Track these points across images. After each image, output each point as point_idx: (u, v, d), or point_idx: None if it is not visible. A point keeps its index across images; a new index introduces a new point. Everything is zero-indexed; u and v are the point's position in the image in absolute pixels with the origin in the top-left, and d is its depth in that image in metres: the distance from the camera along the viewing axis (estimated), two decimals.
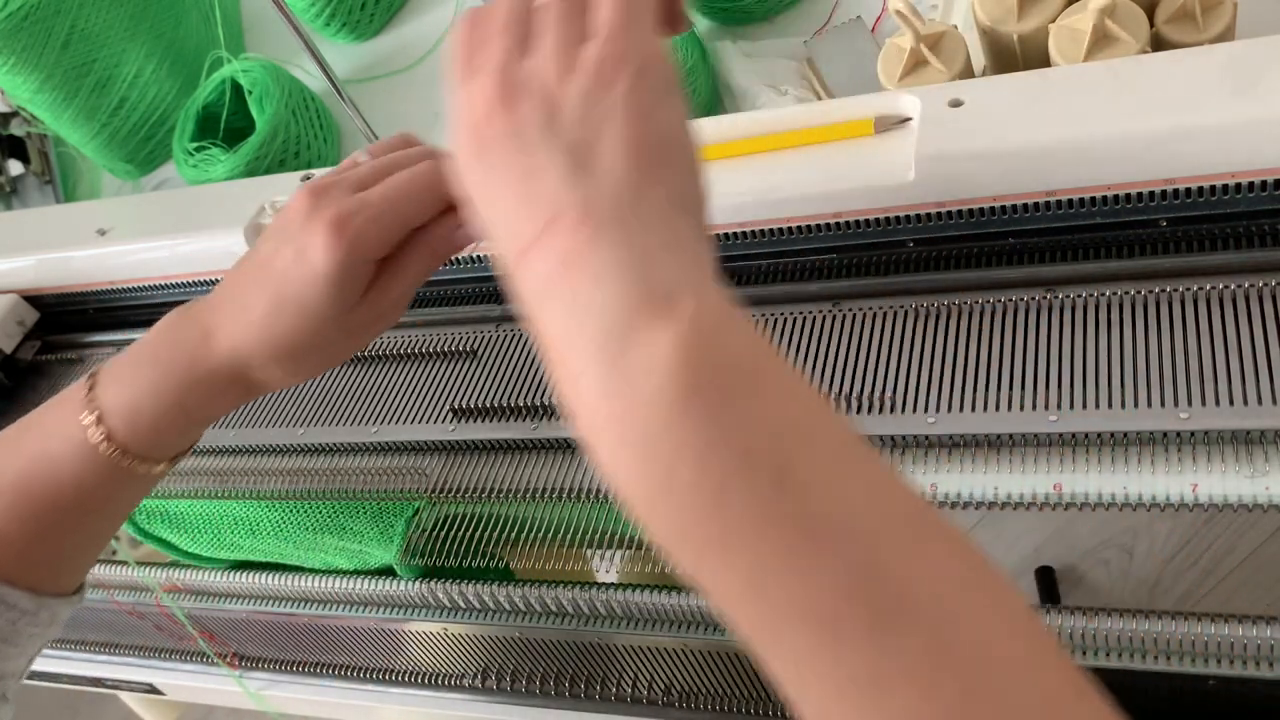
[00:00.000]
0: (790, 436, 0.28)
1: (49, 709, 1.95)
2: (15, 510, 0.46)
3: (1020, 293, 0.52)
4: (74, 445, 0.46)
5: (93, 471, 0.46)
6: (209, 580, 0.65)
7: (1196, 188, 0.48)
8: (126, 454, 0.46)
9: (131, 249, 0.74)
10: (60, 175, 1.07)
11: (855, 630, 0.26)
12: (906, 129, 0.55)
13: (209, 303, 0.46)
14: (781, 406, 0.28)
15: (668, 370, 0.28)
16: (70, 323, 0.82)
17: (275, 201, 0.69)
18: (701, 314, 0.29)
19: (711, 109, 0.74)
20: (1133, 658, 0.45)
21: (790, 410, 0.29)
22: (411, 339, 0.66)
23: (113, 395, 0.46)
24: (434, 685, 0.66)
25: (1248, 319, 0.47)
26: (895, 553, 0.27)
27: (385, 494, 0.59)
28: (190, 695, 0.81)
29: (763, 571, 0.27)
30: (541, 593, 0.56)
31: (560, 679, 0.62)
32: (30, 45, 0.84)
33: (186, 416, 0.47)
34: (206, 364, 0.45)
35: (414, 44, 0.92)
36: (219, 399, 0.47)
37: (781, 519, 0.27)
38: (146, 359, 0.47)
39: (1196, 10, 0.54)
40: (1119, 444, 0.46)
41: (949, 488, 0.48)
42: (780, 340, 0.55)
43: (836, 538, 0.27)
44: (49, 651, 0.78)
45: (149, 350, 0.47)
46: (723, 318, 0.30)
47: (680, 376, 0.28)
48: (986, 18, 0.58)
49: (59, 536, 0.48)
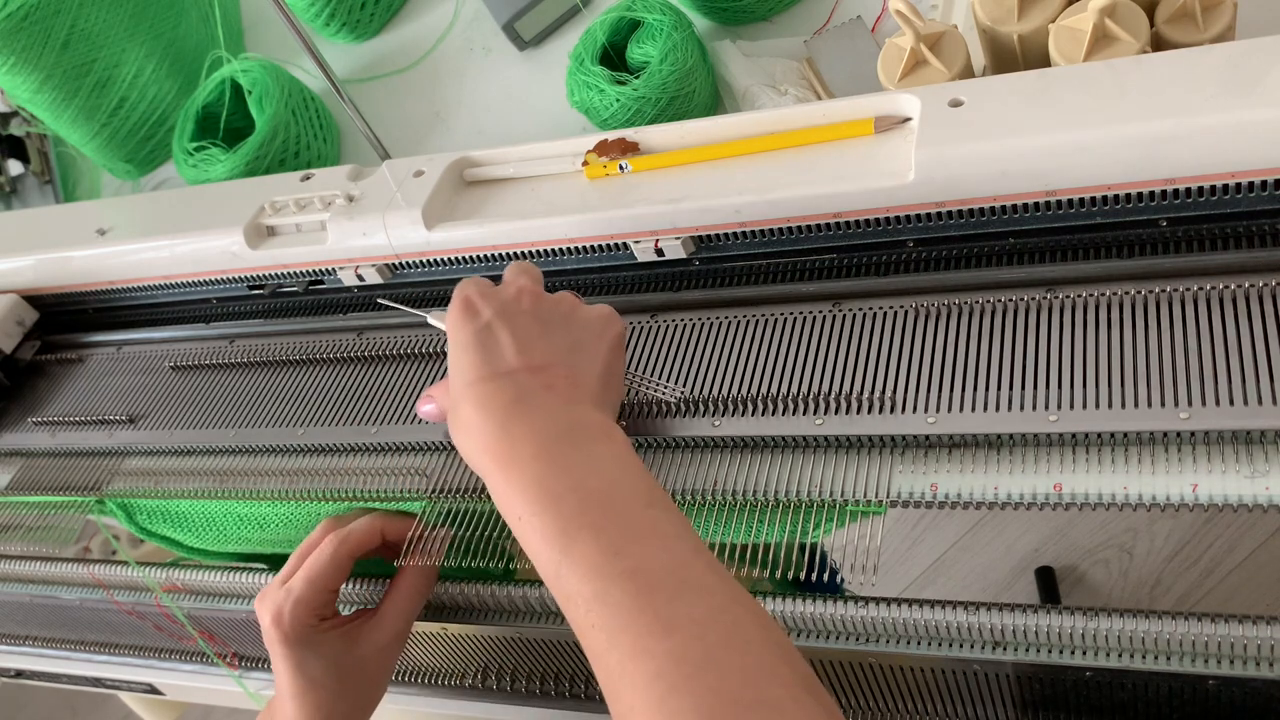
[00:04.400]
0: (654, 493, 0.46)
1: (49, 709, 1.95)
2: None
3: (1020, 293, 0.52)
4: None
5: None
6: (209, 580, 0.65)
7: (1196, 188, 0.48)
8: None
9: (131, 249, 0.75)
10: (60, 175, 1.07)
11: (659, 595, 0.41)
12: (906, 129, 0.55)
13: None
14: (649, 480, 0.47)
15: (600, 436, 0.48)
16: (70, 323, 0.82)
17: (275, 201, 0.69)
18: (615, 428, 0.49)
19: (711, 109, 0.74)
20: (1133, 658, 0.45)
21: (654, 484, 0.47)
22: (412, 339, 0.66)
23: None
24: (434, 685, 0.66)
25: (1248, 319, 0.47)
26: (698, 569, 0.43)
27: (385, 494, 0.59)
28: (190, 695, 0.81)
29: (618, 549, 0.43)
30: (542, 593, 0.56)
31: (560, 679, 0.62)
32: (30, 45, 0.84)
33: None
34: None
35: (414, 44, 0.92)
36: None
37: (642, 525, 0.44)
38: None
39: (1196, 10, 0.54)
40: (1119, 444, 0.46)
41: (949, 488, 0.48)
42: (780, 340, 0.55)
43: (671, 545, 0.43)
44: (49, 651, 0.78)
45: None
46: (626, 440, 0.49)
47: (605, 444, 0.48)
48: (986, 18, 0.58)
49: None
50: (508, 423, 0.48)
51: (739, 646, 0.40)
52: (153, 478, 0.68)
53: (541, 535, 0.44)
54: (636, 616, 0.40)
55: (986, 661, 0.47)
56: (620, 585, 0.41)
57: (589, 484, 0.45)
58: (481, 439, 0.48)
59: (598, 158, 0.61)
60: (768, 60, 0.72)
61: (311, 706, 0.55)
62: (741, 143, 0.59)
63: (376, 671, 0.56)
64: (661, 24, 0.70)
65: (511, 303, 0.53)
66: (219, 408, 0.68)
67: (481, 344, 0.51)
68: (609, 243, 0.61)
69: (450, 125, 0.86)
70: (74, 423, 0.73)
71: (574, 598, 0.42)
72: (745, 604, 0.42)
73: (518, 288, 0.54)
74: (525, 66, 0.85)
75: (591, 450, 0.47)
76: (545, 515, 0.44)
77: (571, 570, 0.43)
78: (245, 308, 0.75)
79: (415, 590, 0.57)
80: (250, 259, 0.70)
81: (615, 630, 0.41)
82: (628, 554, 0.42)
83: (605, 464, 0.46)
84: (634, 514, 0.44)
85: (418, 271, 0.67)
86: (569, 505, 0.44)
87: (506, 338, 0.51)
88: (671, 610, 0.40)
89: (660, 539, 0.43)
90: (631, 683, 0.39)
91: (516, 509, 0.46)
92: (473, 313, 0.52)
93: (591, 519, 0.44)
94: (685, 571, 0.42)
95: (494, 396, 0.49)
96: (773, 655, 0.40)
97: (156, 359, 0.75)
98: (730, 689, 0.38)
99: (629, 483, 0.46)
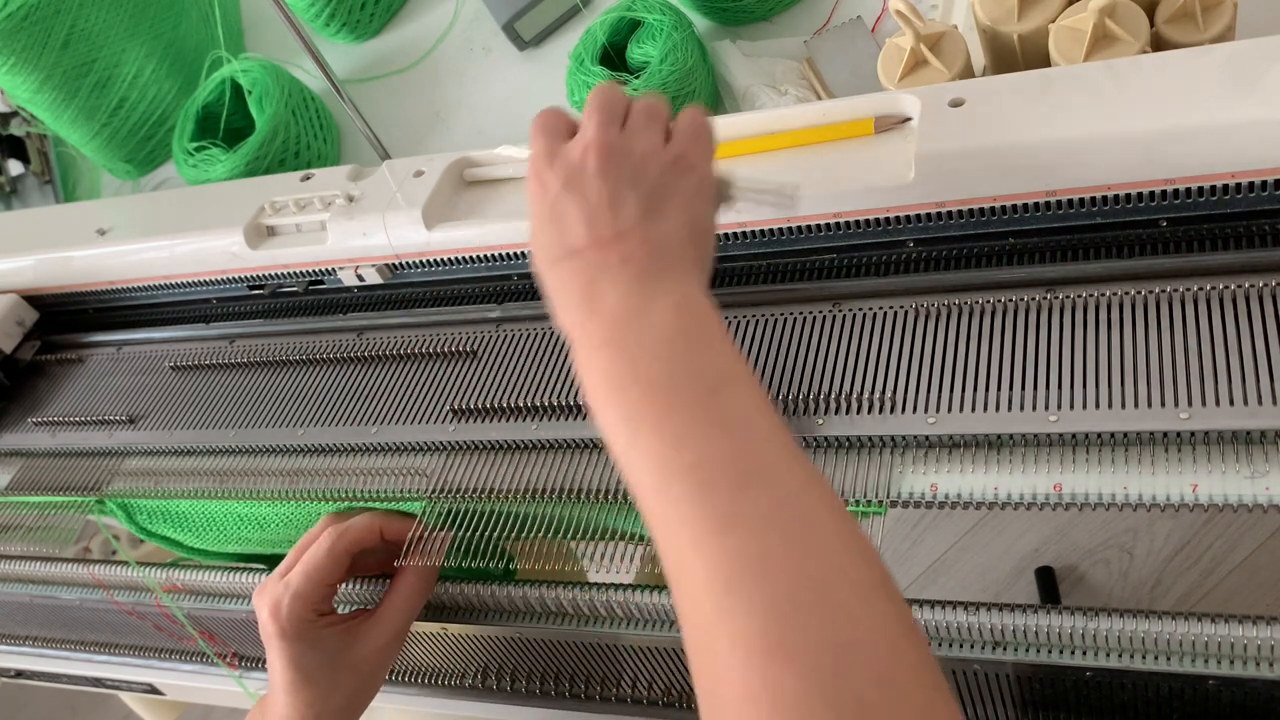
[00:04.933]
0: (725, 373, 0.43)
1: (49, 709, 1.95)
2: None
3: (1020, 293, 0.52)
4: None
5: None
6: (209, 580, 0.65)
7: (1196, 188, 0.48)
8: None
9: (131, 249, 0.75)
10: (60, 175, 1.07)
11: (721, 488, 0.39)
12: (906, 129, 0.55)
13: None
14: (724, 356, 0.44)
15: (670, 316, 0.44)
16: (70, 323, 0.82)
17: (275, 201, 0.69)
18: (693, 297, 0.46)
19: (711, 109, 0.74)
20: (1133, 658, 0.45)
21: (729, 360, 0.44)
22: (411, 339, 0.66)
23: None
24: (434, 685, 0.66)
25: (1248, 319, 0.47)
26: (768, 457, 0.40)
27: (385, 494, 0.59)
28: (190, 695, 0.81)
29: (679, 440, 0.41)
30: (541, 593, 0.56)
31: (560, 679, 0.62)
32: (30, 45, 0.84)
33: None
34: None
35: (414, 44, 0.92)
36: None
37: (706, 411, 0.41)
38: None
39: (1196, 10, 0.54)
40: (1119, 444, 0.46)
41: (949, 488, 0.48)
42: (780, 340, 0.55)
43: (737, 432, 0.41)
44: (49, 651, 0.78)
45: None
46: (707, 306, 0.46)
47: (673, 323, 0.44)
48: (986, 18, 0.58)
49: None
50: (583, 305, 0.46)
51: (803, 542, 0.38)
52: (153, 478, 0.68)
53: (609, 426, 0.43)
54: (696, 514, 0.39)
55: (986, 661, 0.47)
56: (681, 481, 0.40)
57: (653, 371, 0.43)
58: (565, 318, 0.47)
59: None
60: (768, 60, 0.72)
61: (304, 702, 0.55)
62: (741, 143, 0.59)
63: (371, 671, 0.56)
64: (661, 24, 0.70)
65: (578, 168, 0.48)
66: (219, 408, 0.68)
67: (553, 220, 0.48)
68: None
69: (450, 125, 0.86)
70: (74, 423, 0.73)
71: (642, 488, 0.41)
72: (817, 493, 0.40)
73: (584, 144, 0.49)
74: (525, 66, 0.85)
75: (660, 332, 0.44)
76: (611, 407, 0.43)
77: (635, 462, 0.41)
78: (245, 308, 0.75)
79: (414, 591, 0.57)
80: (250, 259, 0.70)
81: (676, 525, 0.39)
82: (689, 446, 0.40)
83: (674, 345, 0.44)
84: (698, 400, 0.42)
85: (418, 271, 0.67)
86: (633, 395, 0.43)
87: (575, 211, 0.48)
88: (733, 506, 0.39)
89: (725, 427, 0.41)
90: (691, 580, 0.38)
91: (593, 397, 0.44)
92: (543, 186, 0.49)
93: (654, 409, 0.42)
94: (751, 460, 0.40)
95: (570, 281, 0.47)
96: (842, 552, 0.38)
97: (156, 359, 0.75)
98: (789, 589, 0.36)
99: (697, 364, 0.43)
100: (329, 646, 0.55)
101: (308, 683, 0.55)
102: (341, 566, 0.56)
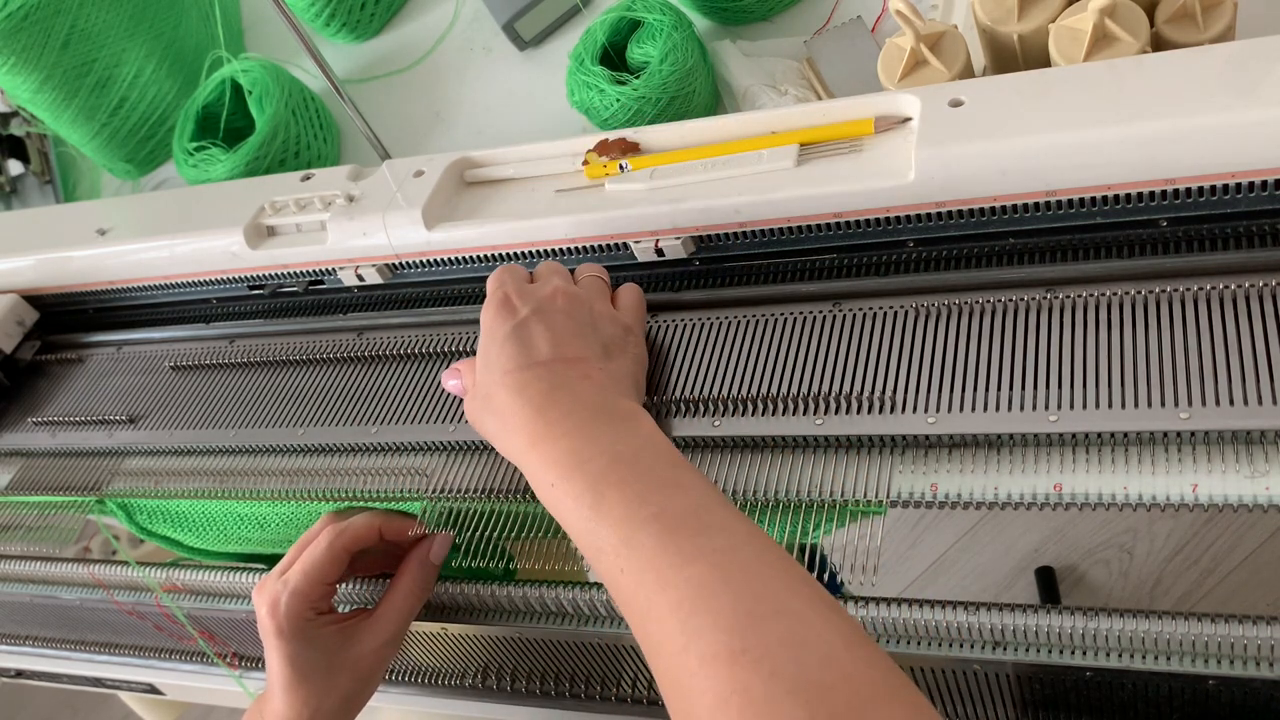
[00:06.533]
0: (681, 460, 0.48)
1: (49, 709, 1.95)
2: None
3: (1020, 293, 0.52)
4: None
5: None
6: (209, 580, 0.65)
7: (1196, 188, 0.48)
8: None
9: (131, 249, 0.75)
10: (60, 175, 1.07)
11: (682, 534, 0.44)
12: (906, 129, 0.55)
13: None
14: (678, 455, 0.49)
15: (631, 412, 0.51)
16: (70, 323, 0.82)
17: (275, 201, 0.69)
18: (648, 417, 0.51)
19: (711, 109, 0.74)
20: (1133, 658, 0.45)
21: (681, 456, 0.49)
22: (411, 339, 0.66)
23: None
24: (434, 685, 0.66)
25: (1248, 319, 0.47)
26: (722, 515, 0.45)
27: (385, 494, 0.59)
28: (190, 695, 0.81)
29: (643, 499, 0.45)
30: (541, 593, 0.56)
31: (560, 679, 0.62)
32: (30, 45, 0.84)
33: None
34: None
35: (414, 44, 0.92)
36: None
37: (666, 480, 0.46)
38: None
39: (1196, 10, 0.54)
40: (1119, 444, 0.46)
41: (949, 488, 0.48)
42: (780, 340, 0.55)
43: (694, 495, 0.46)
44: (49, 651, 0.78)
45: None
46: (651, 423, 0.51)
47: (634, 419, 0.50)
48: (986, 18, 0.58)
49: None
50: (544, 406, 0.50)
51: (757, 570, 0.41)
52: (153, 478, 0.68)
53: (573, 496, 0.46)
54: (660, 554, 0.43)
55: (986, 661, 0.47)
56: (645, 529, 0.44)
57: (617, 448, 0.48)
58: (515, 421, 0.50)
59: (598, 158, 0.61)
60: (768, 60, 0.72)
61: (300, 700, 0.55)
62: (741, 143, 0.59)
63: (369, 671, 0.57)
64: (661, 24, 0.70)
65: (547, 301, 0.55)
66: (219, 408, 0.68)
67: (519, 338, 0.53)
68: (609, 243, 0.61)
69: (450, 125, 0.86)
70: (74, 423, 0.73)
71: (604, 549, 0.45)
72: (765, 540, 0.44)
73: (553, 288, 0.55)
74: (525, 66, 0.85)
75: (621, 426, 0.49)
76: (575, 478, 0.47)
77: (600, 522, 0.45)
78: (245, 308, 0.75)
79: (413, 591, 0.57)
80: (250, 259, 0.70)
81: (641, 569, 0.43)
82: (652, 501, 0.45)
83: (633, 434, 0.49)
84: (658, 471, 0.47)
85: (418, 271, 0.67)
86: (598, 466, 0.47)
87: (543, 333, 0.53)
88: (694, 545, 0.43)
89: (683, 489, 0.46)
90: (658, 615, 0.41)
91: (549, 477, 0.48)
92: (510, 309, 0.54)
93: (619, 475, 0.46)
94: (707, 515, 0.44)
95: (531, 384, 0.51)
96: (791, 575, 0.42)
97: (156, 359, 0.75)
98: (749, 603, 0.40)
99: (654, 449, 0.48)
100: (327, 645, 0.55)
101: (305, 681, 0.55)
102: (341, 565, 0.56)
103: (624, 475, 0.46)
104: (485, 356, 0.54)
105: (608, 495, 0.46)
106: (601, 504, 0.45)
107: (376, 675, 0.58)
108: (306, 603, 0.55)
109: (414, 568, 0.57)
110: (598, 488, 0.46)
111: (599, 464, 0.47)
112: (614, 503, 0.45)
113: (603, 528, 0.45)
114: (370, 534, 0.57)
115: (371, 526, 0.57)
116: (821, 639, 0.39)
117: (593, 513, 0.45)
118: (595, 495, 0.46)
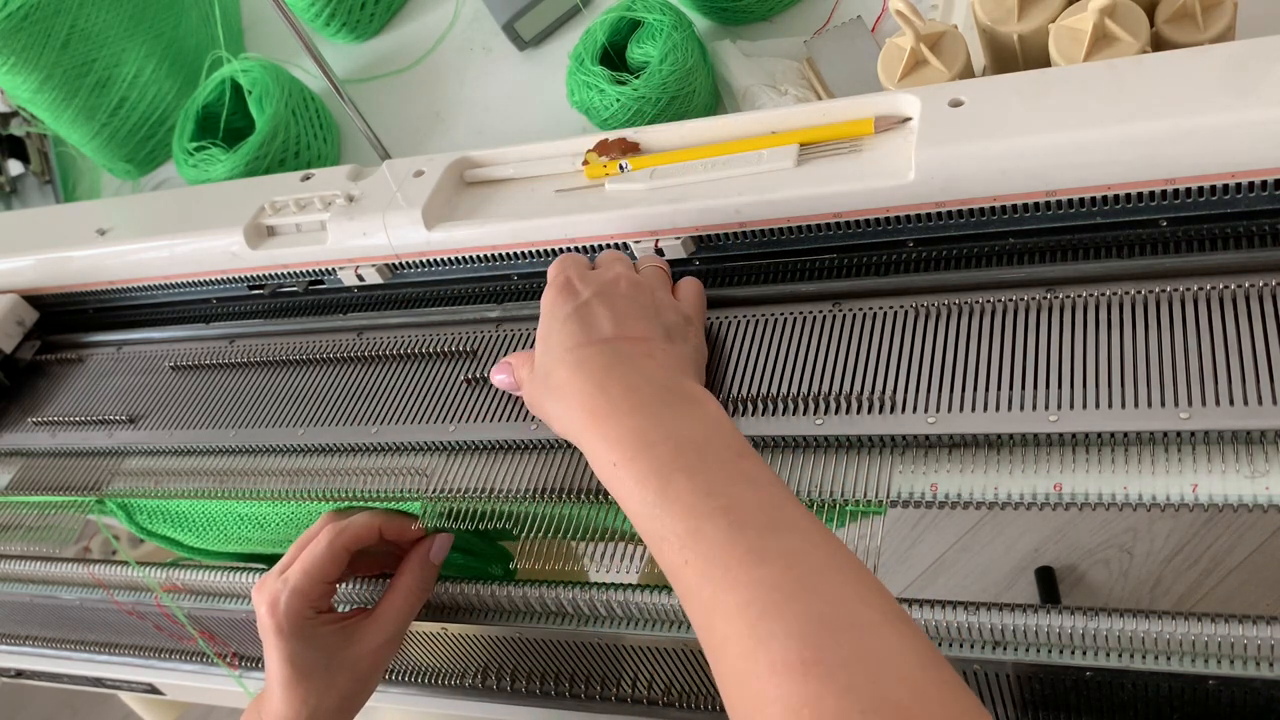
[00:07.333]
0: (746, 447, 0.47)
1: (49, 709, 1.95)
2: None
3: (1020, 293, 0.52)
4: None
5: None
6: (209, 580, 0.65)
7: (1196, 188, 0.48)
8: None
9: (131, 249, 0.75)
10: (60, 175, 1.07)
11: (750, 530, 0.42)
12: (906, 129, 0.55)
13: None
14: (743, 438, 0.48)
15: (695, 394, 0.49)
16: (70, 322, 0.82)
17: (275, 201, 0.69)
18: (711, 397, 0.50)
19: (711, 109, 0.74)
20: (1133, 658, 0.45)
21: (746, 441, 0.48)
22: (411, 339, 0.66)
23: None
24: (434, 685, 0.66)
25: (1248, 319, 0.47)
26: (790, 511, 0.43)
27: (385, 494, 0.59)
28: (190, 695, 0.81)
29: (711, 490, 0.44)
30: (542, 593, 0.56)
31: (560, 679, 0.62)
32: (30, 45, 0.84)
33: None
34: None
35: (414, 44, 0.92)
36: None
37: (734, 470, 0.45)
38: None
39: (1196, 10, 0.54)
40: (1119, 444, 0.46)
41: (949, 488, 0.48)
42: (780, 340, 0.55)
43: (761, 489, 0.44)
44: (49, 651, 0.78)
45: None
46: (717, 405, 0.50)
47: (698, 401, 0.49)
48: (986, 18, 0.58)
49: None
50: (606, 382, 0.49)
51: (829, 575, 0.40)
52: (153, 478, 0.68)
53: (636, 479, 0.45)
54: (729, 549, 0.41)
55: (986, 661, 0.47)
56: (713, 521, 0.42)
57: (683, 433, 0.46)
58: (578, 398, 0.49)
59: (598, 158, 0.61)
60: (768, 60, 0.72)
61: (299, 699, 0.55)
62: (741, 143, 0.59)
63: (368, 671, 0.57)
64: (661, 24, 0.70)
65: (610, 285, 0.54)
66: (219, 408, 0.68)
67: (581, 318, 0.52)
68: (609, 243, 0.61)
69: (450, 125, 0.86)
70: (74, 423, 0.73)
71: (667, 537, 0.43)
72: (836, 543, 0.42)
73: (615, 273, 0.55)
74: (525, 66, 0.85)
75: (687, 408, 0.48)
76: (640, 460, 0.46)
77: (666, 510, 0.44)
78: (245, 308, 0.75)
79: (413, 591, 0.57)
80: (250, 259, 0.70)
81: (708, 564, 0.42)
82: (721, 494, 0.43)
83: (700, 419, 0.48)
84: (727, 461, 0.45)
85: (418, 271, 0.67)
86: (665, 450, 0.45)
87: (605, 313, 0.52)
88: (764, 543, 0.41)
89: (752, 483, 0.44)
90: (725, 613, 0.40)
91: (611, 457, 0.47)
92: (572, 292, 0.54)
93: (687, 462, 0.45)
94: (777, 511, 0.43)
95: (593, 360, 0.50)
96: (864, 584, 0.40)
97: (156, 359, 0.75)
98: (821, 612, 0.39)
99: (722, 436, 0.47)
100: (326, 644, 0.55)
101: (304, 680, 0.55)
102: (340, 564, 0.56)
103: (692, 462, 0.45)
104: (545, 337, 0.53)
105: (674, 482, 0.44)
106: (667, 491, 0.44)
107: (376, 675, 0.57)
108: (306, 601, 0.55)
109: (414, 568, 0.57)
110: (664, 473, 0.45)
111: (665, 448, 0.45)
112: (681, 491, 0.44)
113: (668, 516, 0.44)
114: (370, 533, 0.57)
115: (371, 526, 0.57)
116: (897, 655, 0.37)
117: (658, 499, 0.44)
118: (661, 481, 0.44)
